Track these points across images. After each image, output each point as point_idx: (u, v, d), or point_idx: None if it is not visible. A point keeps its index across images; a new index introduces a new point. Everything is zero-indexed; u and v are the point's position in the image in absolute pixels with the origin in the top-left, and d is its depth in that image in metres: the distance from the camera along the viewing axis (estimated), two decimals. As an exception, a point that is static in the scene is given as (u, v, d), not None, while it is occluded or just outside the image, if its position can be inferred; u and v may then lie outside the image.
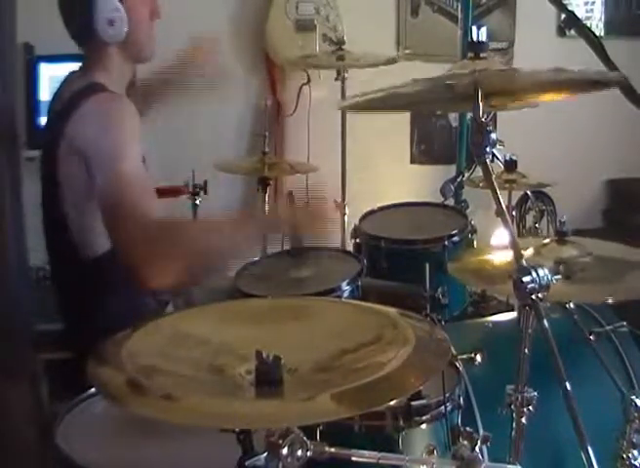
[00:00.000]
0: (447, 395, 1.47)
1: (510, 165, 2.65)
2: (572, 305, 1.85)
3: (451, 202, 2.73)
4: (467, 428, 1.31)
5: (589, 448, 1.22)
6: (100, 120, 1.78)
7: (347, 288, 2.05)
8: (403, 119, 4.08)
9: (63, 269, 1.94)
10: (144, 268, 1.59)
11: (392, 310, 1.23)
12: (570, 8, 1.38)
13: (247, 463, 1.14)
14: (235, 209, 3.56)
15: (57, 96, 1.94)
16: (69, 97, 1.86)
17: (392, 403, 1.29)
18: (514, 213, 3.36)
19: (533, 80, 1.44)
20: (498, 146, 1.43)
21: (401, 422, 1.43)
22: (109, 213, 1.70)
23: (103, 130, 1.77)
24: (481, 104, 1.35)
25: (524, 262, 1.29)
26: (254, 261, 2.27)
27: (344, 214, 3.36)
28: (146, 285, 1.61)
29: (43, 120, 3.11)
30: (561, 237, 1.79)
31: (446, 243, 2.37)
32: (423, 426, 1.47)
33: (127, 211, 1.65)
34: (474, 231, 2.51)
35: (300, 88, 3.64)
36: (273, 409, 1.00)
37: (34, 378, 1.39)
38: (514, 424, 1.40)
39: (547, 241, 1.82)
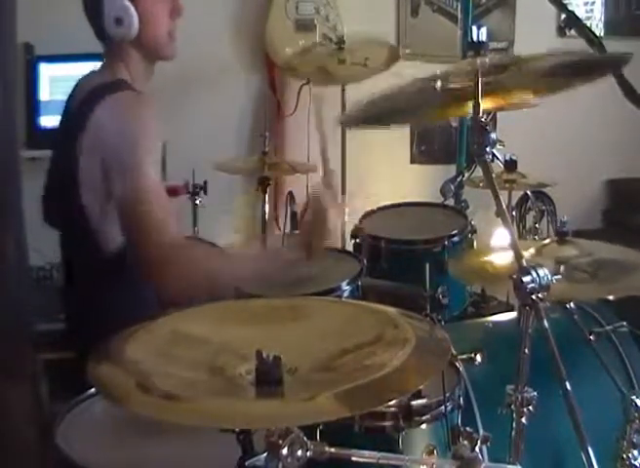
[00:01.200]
0: (447, 395, 1.47)
1: (510, 165, 2.65)
2: (572, 305, 1.85)
3: (451, 202, 2.73)
4: (467, 428, 1.31)
5: (589, 449, 1.22)
6: (122, 122, 1.77)
7: (347, 288, 2.05)
8: (403, 119, 4.07)
9: (78, 264, 1.93)
10: (156, 281, 1.67)
11: (392, 310, 1.23)
12: (570, 8, 1.38)
13: (247, 463, 1.14)
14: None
15: (74, 93, 1.91)
16: (91, 90, 1.83)
17: (392, 403, 1.29)
18: (514, 213, 3.36)
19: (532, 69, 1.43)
20: (498, 146, 1.43)
21: (401, 422, 1.43)
22: (126, 224, 1.73)
23: (124, 135, 1.76)
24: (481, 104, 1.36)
25: (524, 262, 1.29)
26: (254, 261, 2.27)
27: (344, 214, 3.36)
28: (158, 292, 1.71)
29: (43, 120, 3.15)
30: (561, 237, 1.79)
31: (446, 243, 2.37)
32: (423, 426, 1.47)
33: (143, 227, 1.68)
34: (474, 231, 2.51)
35: (301, 88, 3.64)
36: (273, 409, 1.00)
37: (34, 378, 1.39)
38: (514, 424, 1.40)
39: (548, 241, 1.83)
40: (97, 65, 1.94)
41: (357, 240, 2.50)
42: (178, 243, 1.71)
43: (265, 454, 1.05)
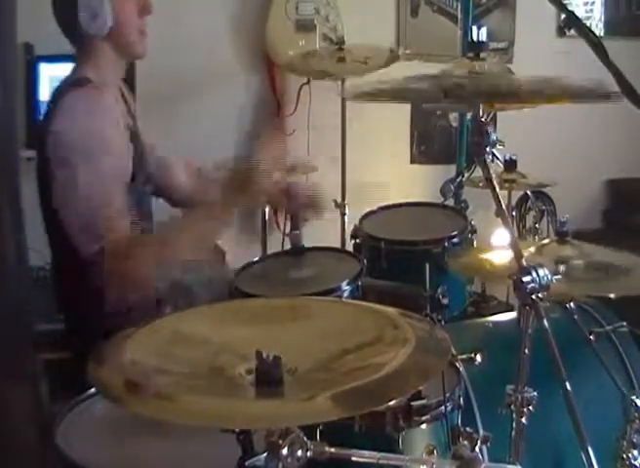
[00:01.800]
0: (447, 395, 1.47)
1: (510, 165, 2.65)
2: (572, 305, 1.85)
3: (451, 202, 2.74)
4: (467, 428, 1.31)
5: (589, 449, 1.22)
6: (75, 117, 1.81)
7: (347, 288, 2.04)
8: (403, 119, 4.08)
9: (63, 267, 1.93)
10: (109, 280, 1.73)
11: (392, 310, 1.23)
12: (570, 8, 1.38)
13: (247, 463, 1.14)
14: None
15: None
16: (54, 93, 1.89)
17: (392, 403, 1.29)
18: (514, 213, 3.36)
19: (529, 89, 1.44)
20: (498, 146, 1.43)
21: (401, 422, 1.43)
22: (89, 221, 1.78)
23: (77, 127, 1.79)
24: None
25: (524, 262, 1.29)
26: (254, 261, 2.27)
27: (344, 213, 3.36)
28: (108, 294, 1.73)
29: (43, 120, 3.15)
30: (561, 237, 1.79)
31: (446, 243, 2.36)
32: (423, 426, 1.47)
33: (96, 223, 1.76)
34: (474, 231, 2.51)
35: (301, 88, 3.64)
36: (273, 409, 1.00)
37: (34, 378, 1.39)
38: (514, 424, 1.40)
39: (547, 241, 1.83)
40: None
41: (357, 240, 2.50)
42: (129, 238, 1.77)
43: (265, 454, 1.05)
